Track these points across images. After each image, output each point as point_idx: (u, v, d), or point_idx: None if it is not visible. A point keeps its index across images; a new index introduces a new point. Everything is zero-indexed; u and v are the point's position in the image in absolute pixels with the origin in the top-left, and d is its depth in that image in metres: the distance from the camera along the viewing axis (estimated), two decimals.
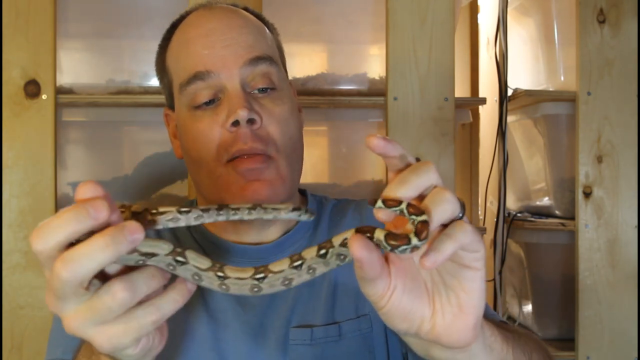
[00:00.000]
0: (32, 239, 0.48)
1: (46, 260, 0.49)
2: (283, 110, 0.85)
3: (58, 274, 0.47)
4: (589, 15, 1.57)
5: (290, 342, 0.81)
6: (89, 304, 0.49)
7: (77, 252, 0.47)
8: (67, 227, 0.47)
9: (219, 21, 0.86)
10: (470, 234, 0.50)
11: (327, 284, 0.86)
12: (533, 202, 1.80)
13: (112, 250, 0.47)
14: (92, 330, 0.50)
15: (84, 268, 0.47)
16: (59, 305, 0.50)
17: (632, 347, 1.56)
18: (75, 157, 1.55)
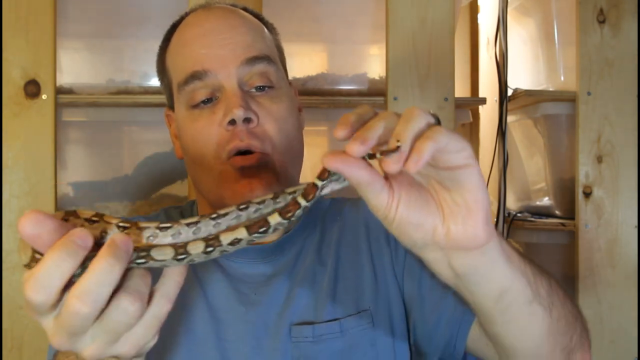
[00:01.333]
0: (30, 292, 0.46)
1: (48, 309, 0.47)
2: (280, 108, 0.85)
3: (78, 311, 0.46)
4: (589, 15, 1.57)
5: (292, 340, 0.81)
6: (105, 329, 0.49)
7: (89, 282, 0.46)
8: (63, 267, 0.46)
9: (217, 21, 0.86)
10: (445, 134, 0.50)
11: (327, 281, 0.86)
12: (533, 202, 1.80)
13: (120, 268, 0.47)
14: (116, 347, 0.50)
15: (102, 295, 0.46)
16: (76, 344, 0.49)
17: (632, 347, 1.56)
18: (75, 157, 1.55)
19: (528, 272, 0.62)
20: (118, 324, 0.49)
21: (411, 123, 0.50)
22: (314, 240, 0.90)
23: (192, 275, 0.86)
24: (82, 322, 0.47)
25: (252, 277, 0.86)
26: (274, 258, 0.87)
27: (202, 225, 0.56)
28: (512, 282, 0.60)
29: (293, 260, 0.88)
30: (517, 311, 0.63)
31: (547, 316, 0.64)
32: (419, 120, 0.51)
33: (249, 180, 0.80)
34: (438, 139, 0.49)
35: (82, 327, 0.48)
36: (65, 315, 0.47)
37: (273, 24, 0.96)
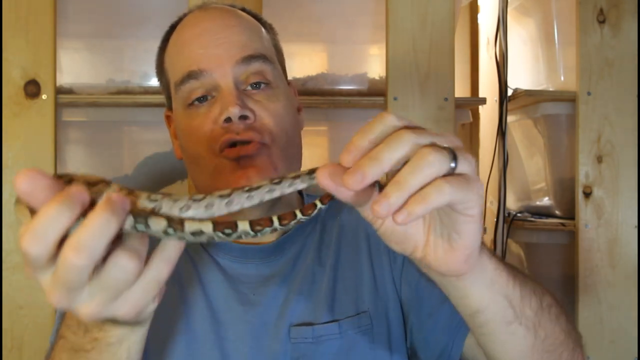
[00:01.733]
0: (26, 244, 0.45)
1: (44, 263, 0.46)
2: (277, 106, 0.85)
3: (74, 263, 0.45)
4: (589, 15, 1.57)
5: (291, 340, 0.81)
6: (103, 286, 0.48)
7: (85, 234, 0.45)
8: (59, 219, 0.45)
9: (213, 21, 0.87)
10: (448, 194, 0.47)
11: (327, 282, 0.86)
12: (533, 202, 1.80)
13: (117, 221, 0.46)
14: (114, 306, 0.49)
15: (98, 248, 0.45)
16: (71, 300, 0.48)
17: (632, 347, 1.56)
18: (75, 157, 1.55)
19: (515, 294, 0.62)
20: (116, 280, 0.48)
21: (419, 171, 0.47)
22: (313, 241, 0.90)
23: (194, 274, 0.86)
24: (78, 275, 0.46)
25: (250, 277, 0.86)
26: (273, 259, 0.87)
27: (234, 197, 0.54)
28: (488, 304, 0.60)
29: (292, 261, 0.88)
30: (495, 329, 0.63)
31: (531, 336, 0.64)
32: (430, 168, 0.47)
33: (245, 170, 0.80)
34: (435, 202, 0.47)
35: (79, 281, 0.47)
36: (62, 269, 0.46)
37: (272, 24, 0.96)
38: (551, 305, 0.66)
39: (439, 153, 0.47)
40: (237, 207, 0.54)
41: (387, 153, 0.48)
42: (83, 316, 0.49)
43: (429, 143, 0.48)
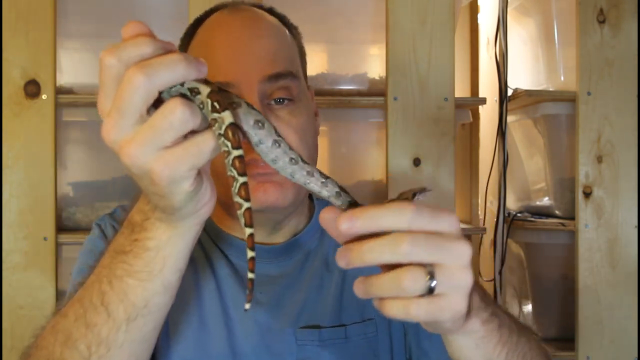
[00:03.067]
0: (105, 54, 0.48)
1: (112, 79, 0.48)
2: (300, 121, 0.84)
3: (133, 79, 0.46)
4: (589, 15, 1.57)
5: (297, 342, 0.82)
6: (150, 123, 0.48)
7: (154, 60, 0.47)
8: (142, 47, 0.48)
9: (242, 30, 0.85)
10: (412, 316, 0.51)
11: (335, 287, 0.87)
12: (533, 202, 1.80)
13: (185, 68, 0.47)
14: (152, 156, 0.49)
15: (160, 77, 0.47)
16: (119, 128, 0.48)
17: (632, 347, 1.56)
18: (75, 157, 1.55)
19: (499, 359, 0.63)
20: (163, 120, 0.48)
21: (392, 289, 0.51)
22: (322, 244, 0.90)
23: (207, 266, 0.86)
24: (133, 94, 0.47)
25: (258, 277, 0.86)
26: (282, 260, 0.87)
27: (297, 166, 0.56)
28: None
29: (301, 264, 0.88)
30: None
31: None
32: (401, 291, 0.50)
33: (262, 184, 0.80)
34: (396, 315, 0.51)
35: (132, 103, 0.47)
36: (121, 86, 0.47)
37: (297, 26, 0.94)
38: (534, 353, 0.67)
39: (416, 279, 0.50)
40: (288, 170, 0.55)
41: (377, 255, 0.51)
42: (123, 154, 0.49)
43: (420, 260, 0.50)
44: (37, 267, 1.40)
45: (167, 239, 0.57)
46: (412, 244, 0.50)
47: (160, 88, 0.48)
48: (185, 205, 0.53)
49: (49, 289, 1.40)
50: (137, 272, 0.58)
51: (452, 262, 0.51)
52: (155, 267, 0.58)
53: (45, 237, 1.41)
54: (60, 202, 1.47)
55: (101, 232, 0.86)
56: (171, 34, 0.92)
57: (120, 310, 0.59)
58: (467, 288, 0.52)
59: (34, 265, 1.40)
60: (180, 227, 0.57)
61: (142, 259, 0.58)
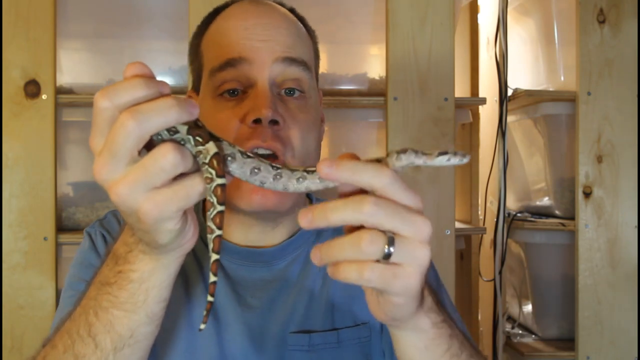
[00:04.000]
0: (98, 96, 0.49)
1: (106, 121, 0.49)
2: (307, 118, 0.83)
3: (125, 124, 0.48)
4: (589, 15, 1.57)
5: (288, 347, 0.81)
6: (141, 165, 0.50)
7: (146, 105, 0.48)
8: (136, 90, 0.49)
9: (261, 18, 0.84)
10: (364, 280, 0.52)
11: (327, 291, 0.86)
12: (533, 202, 1.81)
13: (177, 113, 0.49)
14: (141, 196, 0.50)
15: (151, 122, 0.48)
16: (110, 168, 0.50)
17: (632, 347, 1.56)
18: (75, 157, 1.55)
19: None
20: (154, 163, 0.49)
21: (350, 250, 0.52)
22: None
23: (199, 273, 0.86)
24: (124, 138, 0.48)
25: (249, 281, 0.85)
26: (274, 263, 0.86)
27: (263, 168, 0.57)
28: None
29: (292, 267, 0.87)
30: None
31: None
32: (359, 253, 0.52)
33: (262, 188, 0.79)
34: (349, 278, 0.52)
35: (124, 146, 0.49)
36: (113, 129, 0.49)
37: (314, 30, 0.94)
38: None
39: (374, 241, 0.51)
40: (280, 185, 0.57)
41: (340, 214, 0.52)
42: (113, 193, 0.51)
43: (381, 224, 0.51)
44: (37, 267, 1.40)
45: (150, 271, 0.59)
46: (376, 205, 0.51)
47: (152, 133, 0.49)
48: (169, 241, 0.55)
49: (49, 289, 1.40)
50: (122, 304, 0.60)
51: (412, 234, 0.52)
52: (139, 298, 0.60)
53: (45, 237, 1.41)
54: (60, 202, 1.47)
55: (91, 242, 0.86)
56: (171, 34, 0.93)
57: (107, 341, 0.61)
58: (423, 264, 0.53)
59: (34, 265, 1.40)
60: (163, 260, 0.58)
61: (126, 291, 0.59)
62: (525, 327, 1.80)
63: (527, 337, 1.74)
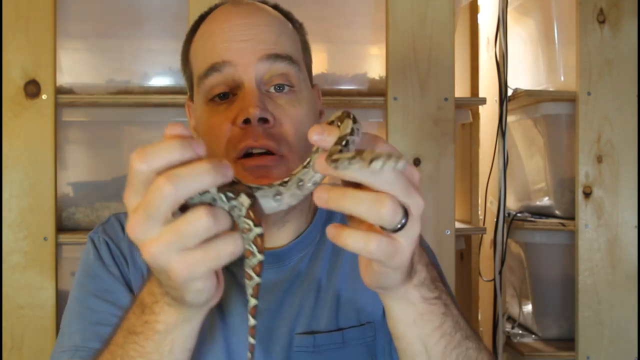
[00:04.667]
0: (135, 159, 0.50)
1: (142, 182, 0.51)
2: (299, 112, 0.83)
3: (162, 188, 0.49)
4: (589, 15, 1.57)
5: (294, 349, 0.81)
6: (175, 227, 0.51)
7: (183, 170, 0.49)
8: (171, 153, 0.50)
9: (243, 18, 0.85)
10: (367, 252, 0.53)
11: (332, 291, 0.85)
12: (533, 202, 1.80)
13: (213, 177, 0.50)
14: (173, 257, 0.51)
15: (187, 186, 0.49)
16: (144, 228, 0.51)
17: (632, 347, 1.56)
18: (75, 157, 1.55)
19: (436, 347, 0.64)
20: (187, 226, 0.50)
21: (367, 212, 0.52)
22: (322, 248, 0.89)
23: None
24: (160, 202, 0.49)
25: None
26: (281, 265, 0.86)
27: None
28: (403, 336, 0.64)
29: (299, 268, 0.86)
30: None
31: None
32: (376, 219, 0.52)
33: (259, 179, 0.79)
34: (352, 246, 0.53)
35: (158, 209, 0.50)
36: (149, 192, 0.50)
37: (302, 23, 0.94)
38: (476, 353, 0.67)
39: (396, 211, 0.52)
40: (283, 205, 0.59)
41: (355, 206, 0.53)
42: (145, 253, 0.52)
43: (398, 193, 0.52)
44: (37, 267, 1.40)
45: (175, 323, 0.60)
46: (397, 176, 0.52)
47: (188, 197, 0.51)
48: (196, 299, 0.56)
49: (49, 289, 1.40)
50: (148, 353, 0.61)
51: (414, 210, 0.53)
52: (165, 349, 0.61)
53: (45, 237, 1.41)
54: (60, 202, 1.47)
55: (96, 251, 0.86)
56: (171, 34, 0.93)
57: None
58: (416, 240, 0.55)
59: (34, 265, 1.40)
60: (188, 313, 0.60)
61: (152, 341, 0.61)
62: (525, 327, 1.80)
63: (527, 337, 1.74)
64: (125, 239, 0.87)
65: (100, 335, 0.76)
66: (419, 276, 0.61)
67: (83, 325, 0.79)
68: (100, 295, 0.81)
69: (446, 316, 0.63)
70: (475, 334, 0.68)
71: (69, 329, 0.80)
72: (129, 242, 0.86)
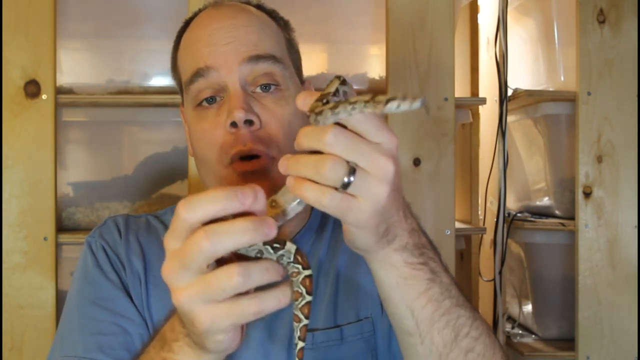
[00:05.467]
0: (181, 208, 0.52)
1: (184, 230, 0.52)
2: (285, 111, 0.83)
3: (199, 243, 0.51)
4: (589, 15, 1.57)
5: (293, 347, 0.81)
6: (205, 280, 0.52)
7: (222, 227, 0.51)
8: (216, 205, 0.51)
9: (224, 20, 0.85)
10: (321, 206, 0.54)
11: (330, 288, 0.86)
12: (533, 202, 1.80)
13: (251, 236, 0.51)
14: (199, 307, 0.53)
15: (223, 244, 0.51)
16: (178, 275, 0.53)
17: (632, 347, 1.56)
18: (75, 157, 1.55)
19: (423, 312, 0.64)
20: (217, 283, 0.52)
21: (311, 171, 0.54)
22: (319, 245, 0.90)
23: None
24: (196, 255, 0.51)
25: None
26: None
27: None
28: (388, 298, 0.65)
29: None
30: (396, 330, 0.67)
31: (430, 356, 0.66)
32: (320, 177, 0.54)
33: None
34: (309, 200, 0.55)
35: (193, 261, 0.51)
36: (187, 242, 0.51)
37: (288, 20, 0.94)
38: (471, 351, 0.66)
39: (335, 169, 0.53)
40: None
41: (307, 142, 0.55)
42: (174, 298, 0.54)
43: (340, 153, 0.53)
44: (37, 267, 1.40)
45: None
46: (335, 136, 0.53)
47: (224, 253, 0.52)
48: (216, 349, 0.57)
49: (49, 289, 1.40)
50: None
51: (374, 171, 0.54)
52: None
53: (45, 237, 1.41)
54: (60, 202, 1.47)
55: (94, 257, 0.86)
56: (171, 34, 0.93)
57: None
58: (380, 201, 0.55)
59: (34, 265, 1.40)
60: (206, 357, 0.61)
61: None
62: (525, 327, 1.80)
63: (527, 337, 1.74)
64: (122, 244, 0.87)
65: (101, 345, 0.77)
66: (400, 241, 0.61)
67: (84, 335, 0.79)
68: (100, 303, 0.81)
69: (433, 282, 0.64)
70: (470, 304, 0.68)
71: (71, 337, 0.80)
72: (126, 246, 0.86)
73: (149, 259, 0.86)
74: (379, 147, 0.55)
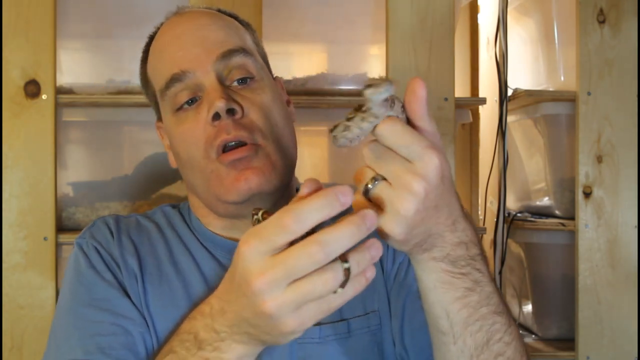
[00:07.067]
0: (290, 221, 0.51)
1: (285, 241, 0.52)
2: (264, 98, 0.85)
3: (314, 255, 0.50)
4: (589, 15, 1.57)
5: (298, 341, 0.81)
6: (298, 289, 0.52)
7: (331, 236, 0.51)
8: (324, 213, 0.51)
9: (189, 23, 0.88)
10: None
11: None
12: (533, 202, 1.80)
13: (357, 238, 0.52)
14: (290, 315, 0.53)
15: (336, 252, 0.51)
16: (275, 286, 0.52)
17: (632, 347, 1.56)
18: (75, 157, 1.55)
19: (458, 315, 0.64)
20: (313, 291, 0.52)
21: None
22: None
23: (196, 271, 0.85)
24: (310, 266, 0.51)
25: None
26: None
27: None
28: (425, 297, 0.65)
29: None
30: (431, 328, 0.68)
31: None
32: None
33: (242, 172, 0.80)
34: None
35: (303, 272, 0.51)
36: (297, 254, 0.51)
37: (259, 24, 0.96)
38: (502, 355, 0.67)
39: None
40: None
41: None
42: (263, 306, 0.53)
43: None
44: (37, 267, 1.40)
45: (240, 357, 0.62)
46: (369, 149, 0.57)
47: (337, 253, 0.52)
48: (283, 341, 0.58)
49: (49, 289, 1.40)
50: None
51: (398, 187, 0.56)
52: None
53: (45, 237, 1.41)
54: (60, 202, 1.47)
55: (87, 259, 0.85)
56: None
57: None
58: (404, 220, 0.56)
59: (34, 265, 1.40)
60: (259, 349, 0.62)
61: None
62: (525, 327, 1.80)
63: (527, 337, 1.74)
64: (115, 243, 0.87)
65: (101, 346, 0.76)
66: (440, 251, 0.62)
67: (82, 337, 0.78)
68: (96, 304, 0.80)
69: (472, 290, 0.64)
70: (508, 311, 0.69)
71: (67, 342, 0.79)
72: (119, 246, 0.86)
73: (143, 257, 0.86)
74: (408, 166, 0.54)
